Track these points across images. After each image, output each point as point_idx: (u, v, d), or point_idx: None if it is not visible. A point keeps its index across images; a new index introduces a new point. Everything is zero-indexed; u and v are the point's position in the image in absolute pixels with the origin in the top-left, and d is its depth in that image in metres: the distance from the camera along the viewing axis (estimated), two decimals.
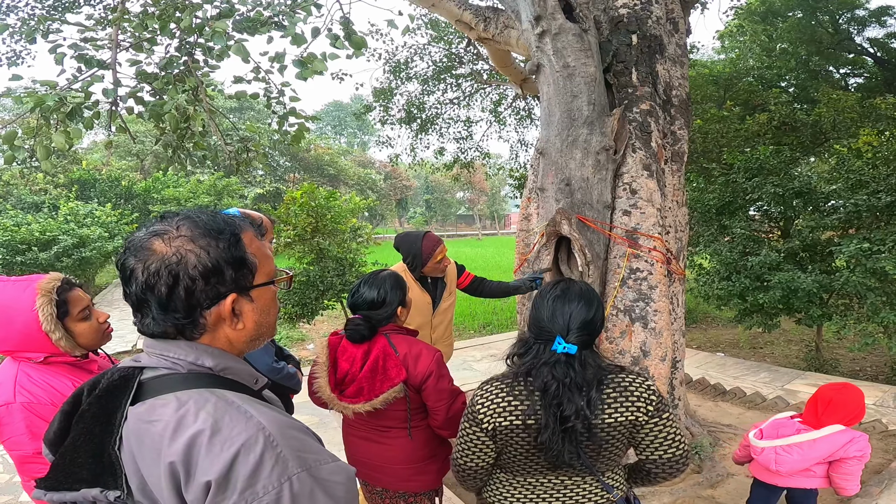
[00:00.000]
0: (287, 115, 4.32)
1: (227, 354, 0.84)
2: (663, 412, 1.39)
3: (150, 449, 0.73)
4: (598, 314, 1.40)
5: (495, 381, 1.44)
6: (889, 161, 5.80)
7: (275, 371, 2.02)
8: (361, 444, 2.04)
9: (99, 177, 15.02)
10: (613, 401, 1.35)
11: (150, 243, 0.78)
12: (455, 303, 3.17)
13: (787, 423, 2.51)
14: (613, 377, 1.38)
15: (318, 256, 6.30)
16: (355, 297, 1.92)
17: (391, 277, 1.94)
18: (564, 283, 1.46)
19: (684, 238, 3.67)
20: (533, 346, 1.40)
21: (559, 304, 1.38)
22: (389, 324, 1.91)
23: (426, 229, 3.88)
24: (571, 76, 3.10)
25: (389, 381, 1.77)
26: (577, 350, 1.33)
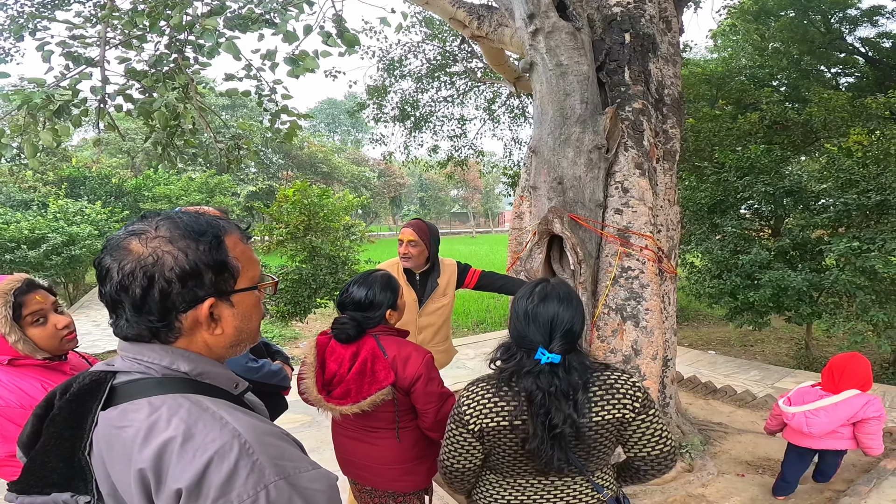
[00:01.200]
0: (279, 113, 4.29)
1: (205, 358, 0.82)
2: (649, 409, 1.39)
3: (121, 455, 0.71)
4: (579, 315, 1.37)
5: (481, 382, 1.43)
6: (879, 160, 5.85)
7: (251, 370, 1.98)
8: (350, 444, 2.03)
9: (89, 174, 14.87)
10: (600, 399, 1.35)
11: (127, 243, 0.76)
12: (451, 307, 2.99)
13: (809, 391, 2.89)
14: (599, 375, 1.38)
15: (311, 254, 6.28)
16: (344, 297, 1.89)
17: (382, 278, 1.91)
18: (542, 287, 1.41)
19: (676, 236, 3.68)
20: (515, 352, 1.39)
21: (538, 311, 1.35)
22: (379, 325, 1.90)
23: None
24: (564, 74, 3.09)
25: (377, 384, 1.76)
26: (562, 357, 1.31)
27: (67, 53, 3.55)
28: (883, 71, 10.14)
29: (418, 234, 2.70)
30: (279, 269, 6.22)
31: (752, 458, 3.61)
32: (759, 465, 3.54)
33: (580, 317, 1.38)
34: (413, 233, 2.70)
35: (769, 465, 3.54)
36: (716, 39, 11.62)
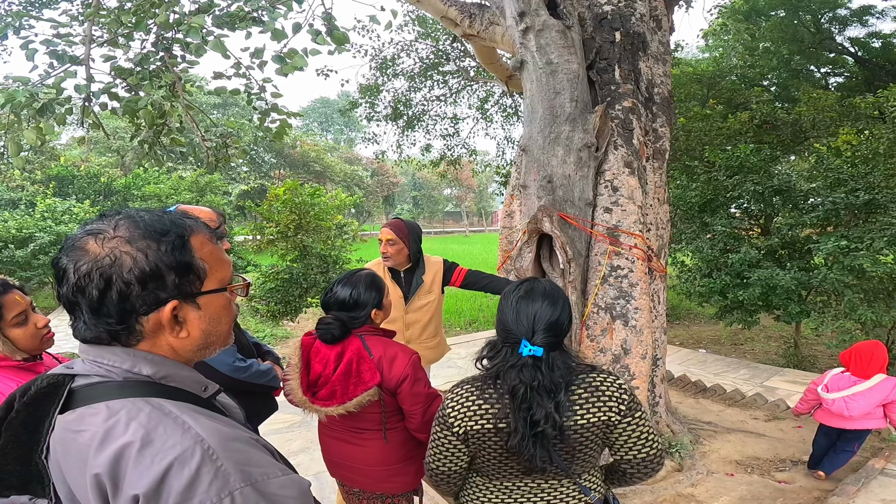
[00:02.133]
0: (269, 112, 4.26)
1: (169, 361, 0.80)
2: (636, 411, 1.37)
3: (76, 459, 0.69)
4: (565, 313, 1.37)
5: (465, 385, 1.41)
6: (868, 160, 5.90)
7: (238, 370, 1.94)
8: (337, 446, 2.01)
9: (77, 173, 14.71)
10: (585, 401, 1.33)
11: (84, 243, 0.73)
12: (439, 303, 3.02)
13: (842, 378, 3.17)
14: (584, 377, 1.36)
15: (302, 254, 6.23)
16: (328, 296, 1.86)
17: (367, 277, 1.88)
18: (528, 282, 1.42)
19: (665, 235, 3.69)
20: (501, 349, 1.37)
21: (523, 305, 1.35)
22: (365, 325, 1.88)
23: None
24: (555, 73, 3.08)
25: (363, 385, 1.74)
26: (544, 352, 1.30)
27: (52, 52, 3.50)
28: (872, 71, 10.23)
29: (396, 233, 2.74)
30: (269, 268, 6.19)
31: (741, 458, 3.62)
32: (747, 465, 3.55)
33: (566, 314, 1.37)
34: (390, 232, 2.74)
35: (758, 465, 3.56)
36: (707, 39, 11.68)
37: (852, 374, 3.14)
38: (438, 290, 2.95)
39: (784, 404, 4.49)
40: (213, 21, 3.74)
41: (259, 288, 6.14)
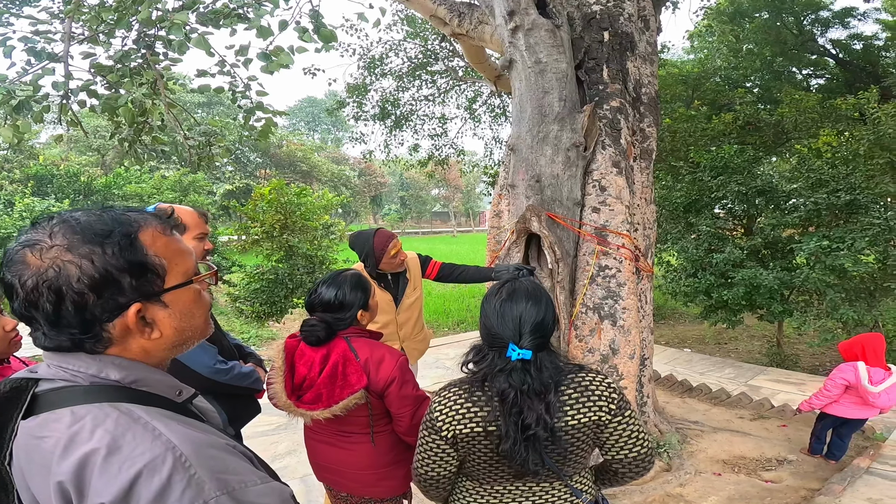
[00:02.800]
0: (254, 110, 4.19)
1: (139, 365, 0.75)
2: (625, 410, 1.36)
3: (40, 466, 0.66)
4: (549, 312, 1.35)
5: (453, 387, 1.38)
6: (848, 161, 5.99)
7: (219, 373, 1.89)
8: (324, 449, 1.97)
9: (57, 172, 14.39)
10: (575, 402, 1.31)
11: (22, 256, 0.68)
12: (422, 297, 3.11)
13: (876, 371, 3.30)
14: (573, 377, 1.34)
15: (288, 254, 6.15)
16: (312, 297, 1.82)
17: (353, 278, 1.84)
18: (510, 284, 1.39)
19: (652, 235, 3.70)
20: (487, 353, 1.35)
21: (507, 308, 1.32)
22: (350, 327, 1.84)
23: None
24: (543, 72, 3.07)
25: (349, 388, 1.70)
26: (532, 354, 1.28)
27: (29, 49, 3.40)
28: (853, 73, 10.40)
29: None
30: (254, 268, 6.09)
31: (728, 457, 3.65)
32: (734, 464, 3.57)
33: (550, 313, 1.35)
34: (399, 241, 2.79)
35: (744, 464, 3.58)
36: (693, 40, 11.80)
37: (871, 366, 3.29)
38: (420, 284, 3.02)
39: (769, 403, 4.54)
40: (198, 18, 3.66)
41: (244, 289, 6.05)
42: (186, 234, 1.91)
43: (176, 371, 1.83)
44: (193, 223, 1.94)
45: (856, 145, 6.14)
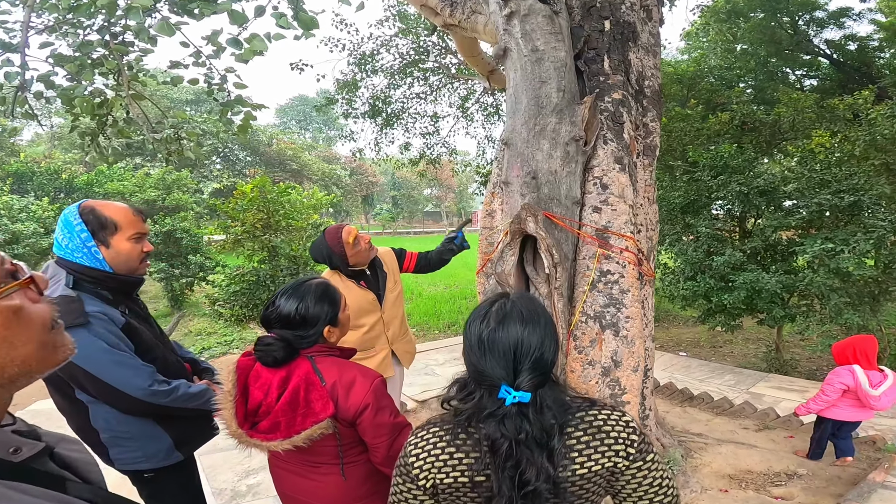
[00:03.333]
0: (232, 104, 3.94)
1: None
2: (647, 454, 1.11)
3: None
4: (550, 340, 1.08)
5: (432, 428, 1.13)
6: (842, 162, 5.83)
7: (157, 395, 1.64)
8: (290, 478, 1.71)
9: (37, 169, 13.98)
10: (585, 446, 1.06)
11: None
12: (403, 292, 2.98)
13: (874, 374, 3.32)
14: (583, 415, 1.09)
15: (271, 254, 5.87)
16: (269, 311, 1.54)
17: (318, 288, 1.58)
18: (500, 304, 1.11)
19: (654, 237, 3.48)
20: (474, 391, 1.09)
21: (497, 339, 1.05)
22: (316, 345, 1.58)
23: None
24: (540, 60, 2.83)
25: (313, 416, 1.45)
26: (532, 395, 1.03)
27: None
28: (847, 73, 10.31)
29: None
30: (234, 269, 5.80)
31: (733, 472, 3.43)
32: (741, 479, 3.36)
33: (551, 339, 1.08)
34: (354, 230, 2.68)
35: (752, 479, 3.37)
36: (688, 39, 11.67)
37: (871, 370, 3.31)
38: (399, 278, 2.92)
39: (774, 413, 4.34)
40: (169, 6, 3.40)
41: (223, 290, 5.76)
42: (119, 234, 1.65)
43: (106, 396, 1.57)
44: (127, 222, 1.68)
45: (850, 147, 5.99)
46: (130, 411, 1.67)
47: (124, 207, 1.71)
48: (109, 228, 1.64)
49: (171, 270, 10.21)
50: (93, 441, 1.73)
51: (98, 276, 1.63)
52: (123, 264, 1.68)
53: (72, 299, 1.54)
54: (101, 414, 1.67)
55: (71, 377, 1.59)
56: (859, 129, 6.10)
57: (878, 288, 5.29)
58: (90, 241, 1.62)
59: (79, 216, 1.62)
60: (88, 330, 1.53)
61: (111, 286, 1.67)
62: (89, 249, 1.62)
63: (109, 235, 1.64)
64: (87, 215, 1.62)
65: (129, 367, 1.60)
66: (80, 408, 1.68)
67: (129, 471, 1.80)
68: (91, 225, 1.62)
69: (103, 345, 1.55)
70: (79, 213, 1.62)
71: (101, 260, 1.64)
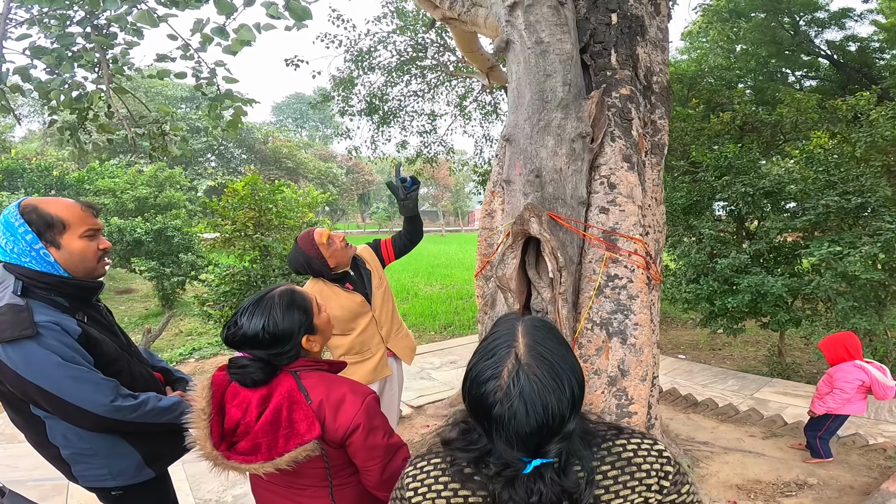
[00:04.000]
0: (221, 98, 3.78)
1: None
2: (682, 485, 0.98)
3: None
4: (578, 386, 0.90)
5: (434, 459, 0.98)
6: (841, 164, 5.72)
7: (121, 410, 1.49)
8: (273, 500, 1.56)
9: (28, 166, 13.75)
10: (613, 482, 0.92)
11: None
12: (389, 287, 2.88)
13: (879, 366, 3.47)
14: (610, 446, 0.95)
15: (263, 254, 5.71)
16: (230, 332, 1.36)
17: (283, 297, 1.40)
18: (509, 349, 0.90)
19: (662, 240, 3.34)
20: (478, 439, 0.92)
21: (517, 407, 0.84)
22: (298, 359, 1.42)
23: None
24: (545, 53, 2.69)
25: (297, 438, 1.29)
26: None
27: None
28: (847, 74, 10.23)
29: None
30: (225, 269, 5.63)
31: (741, 482, 3.31)
32: (750, 490, 3.23)
33: (580, 387, 0.90)
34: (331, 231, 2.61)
35: (761, 489, 3.24)
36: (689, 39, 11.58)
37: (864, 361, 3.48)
38: (383, 274, 2.83)
39: (781, 420, 4.22)
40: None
41: (212, 291, 5.59)
42: (69, 233, 1.49)
43: (64, 414, 1.41)
44: (76, 219, 1.52)
45: (850, 148, 5.89)
46: (94, 428, 1.52)
47: (70, 202, 1.54)
48: (57, 227, 1.48)
49: (162, 269, 10.03)
50: (54, 457, 1.59)
51: (51, 282, 1.48)
52: (79, 265, 1.52)
53: (19, 308, 1.38)
54: (60, 430, 1.52)
55: (24, 394, 1.43)
56: (860, 130, 5.99)
57: (885, 292, 5.18)
58: (37, 242, 1.46)
59: (20, 216, 1.45)
60: (39, 343, 1.38)
61: (67, 292, 1.51)
62: (37, 252, 1.46)
63: (58, 235, 1.48)
64: (29, 215, 1.46)
65: (88, 382, 1.44)
66: (36, 423, 1.53)
67: (94, 488, 1.65)
68: (35, 225, 1.46)
69: (57, 359, 1.39)
70: (20, 213, 1.46)
71: (53, 263, 1.48)
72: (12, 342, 1.35)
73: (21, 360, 1.37)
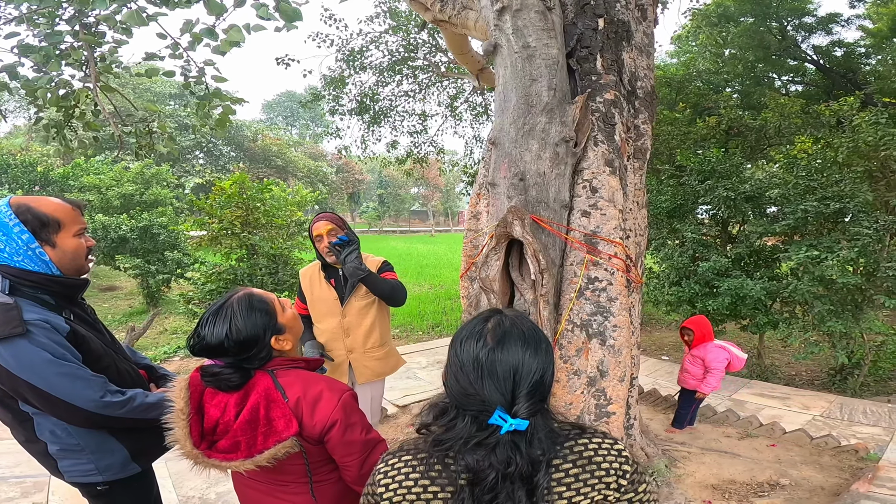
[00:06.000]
0: (210, 97, 3.78)
1: None
2: (639, 484, 1.02)
3: None
4: (550, 361, 1.00)
5: (405, 456, 1.02)
6: (824, 168, 5.83)
7: (110, 406, 1.51)
8: (255, 497, 1.58)
9: (12, 161, 13.55)
10: (574, 479, 0.97)
11: None
12: (383, 308, 2.76)
13: (730, 342, 4.08)
14: (571, 445, 0.99)
15: (249, 252, 5.70)
16: (196, 343, 1.37)
17: (242, 302, 1.40)
18: (496, 321, 1.01)
19: (643, 243, 3.41)
20: (456, 417, 0.99)
21: (498, 358, 0.96)
22: (272, 359, 1.44)
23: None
24: (531, 57, 2.73)
25: (275, 435, 1.32)
26: (529, 424, 0.94)
27: None
28: (833, 79, 10.40)
29: (335, 223, 2.59)
30: (211, 267, 5.62)
31: (717, 482, 3.38)
32: (725, 490, 3.30)
33: (552, 363, 0.99)
34: (328, 222, 2.57)
35: (735, 489, 3.32)
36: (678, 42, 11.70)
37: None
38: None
39: (756, 421, 4.31)
40: None
41: (198, 289, 5.57)
42: (63, 232, 1.52)
43: (55, 410, 1.43)
44: (70, 219, 1.55)
45: (833, 153, 6.00)
46: (83, 424, 1.53)
47: (62, 203, 1.57)
48: (52, 226, 1.51)
49: (148, 267, 9.94)
50: (40, 453, 1.60)
51: (39, 280, 1.49)
52: (71, 263, 1.55)
53: (8, 307, 1.39)
54: (48, 426, 1.54)
55: (14, 391, 1.45)
56: (842, 135, 6.11)
57: (861, 296, 5.30)
58: (33, 241, 1.48)
59: (15, 216, 1.47)
60: (29, 340, 1.39)
61: (54, 290, 1.53)
62: (34, 251, 1.48)
63: (53, 234, 1.51)
64: (24, 215, 1.47)
65: (79, 379, 1.46)
66: (24, 419, 1.54)
67: (80, 483, 1.66)
68: (31, 225, 1.48)
69: (47, 356, 1.41)
70: (14, 213, 1.47)
71: (48, 262, 1.51)
72: (3, 340, 1.37)
73: (12, 358, 1.38)
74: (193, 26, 3.17)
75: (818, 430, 4.29)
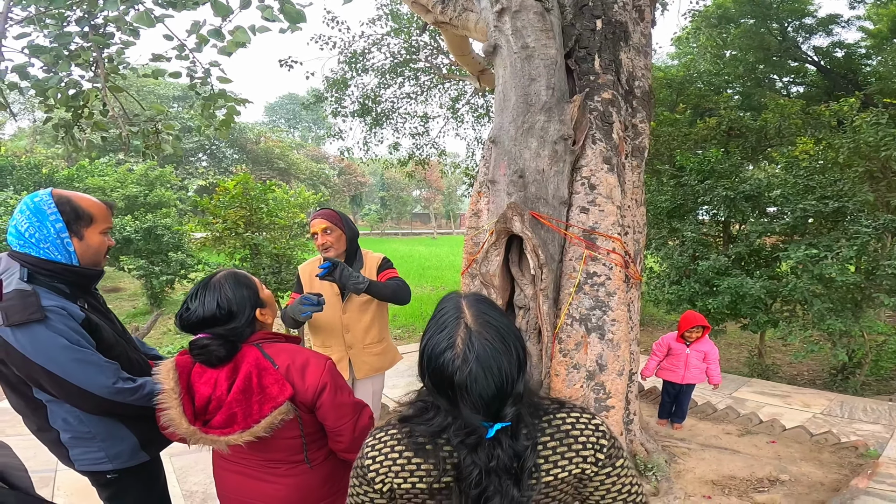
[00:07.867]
0: (214, 98, 3.83)
1: None
2: (616, 458, 1.05)
3: None
4: (523, 351, 0.99)
5: (391, 429, 1.06)
6: (826, 169, 5.86)
7: (121, 392, 1.56)
8: (239, 481, 1.59)
9: (17, 163, 13.66)
10: (552, 452, 1.00)
11: None
12: (383, 308, 2.78)
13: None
14: (551, 419, 1.03)
15: (253, 252, 5.76)
16: (185, 315, 1.43)
17: (229, 277, 1.51)
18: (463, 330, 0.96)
19: (642, 240, 3.45)
20: (437, 415, 0.99)
21: (475, 374, 0.92)
22: (256, 332, 1.51)
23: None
24: (530, 57, 2.78)
25: (271, 401, 1.37)
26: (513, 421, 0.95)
27: None
28: (833, 80, 10.43)
29: (330, 220, 2.57)
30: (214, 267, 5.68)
31: (716, 477, 3.41)
32: (724, 486, 3.33)
33: (524, 353, 0.99)
34: (323, 220, 2.56)
35: (734, 485, 3.35)
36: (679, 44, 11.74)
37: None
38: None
39: (756, 418, 4.34)
40: None
41: None
42: (93, 227, 1.60)
43: (69, 395, 1.48)
44: (102, 216, 1.64)
45: (833, 154, 6.03)
46: (94, 411, 1.58)
47: (98, 201, 1.66)
48: (85, 220, 1.59)
49: (151, 268, 10.01)
50: (52, 441, 1.64)
51: (56, 269, 1.55)
52: (91, 258, 1.63)
53: (27, 294, 1.45)
54: (61, 413, 1.59)
55: (29, 377, 1.49)
56: (843, 136, 6.14)
57: (860, 294, 5.33)
58: (64, 231, 1.55)
59: (54, 206, 1.55)
60: (46, 326, 1.44)
61: (70, 280, 1.59)
62: (62, 241, 1.55)
63: (84, 227, 1.59)
64: (63, 206, 1.56)
65: (92, 365, 1.51)
66: (37, 407, 1.59)
67: (89, 471, 1.71)
68: (67, 216, 1.56)
69: (63, 341, 1.46)
70: (54, 202, 1.55)
71: (72, 252, 1.58)
72: (21, 325, 1.42)
73: (29, 343, 1.43)
74: (200, 27, 3.23)
75: (818, 427, 4.32)
